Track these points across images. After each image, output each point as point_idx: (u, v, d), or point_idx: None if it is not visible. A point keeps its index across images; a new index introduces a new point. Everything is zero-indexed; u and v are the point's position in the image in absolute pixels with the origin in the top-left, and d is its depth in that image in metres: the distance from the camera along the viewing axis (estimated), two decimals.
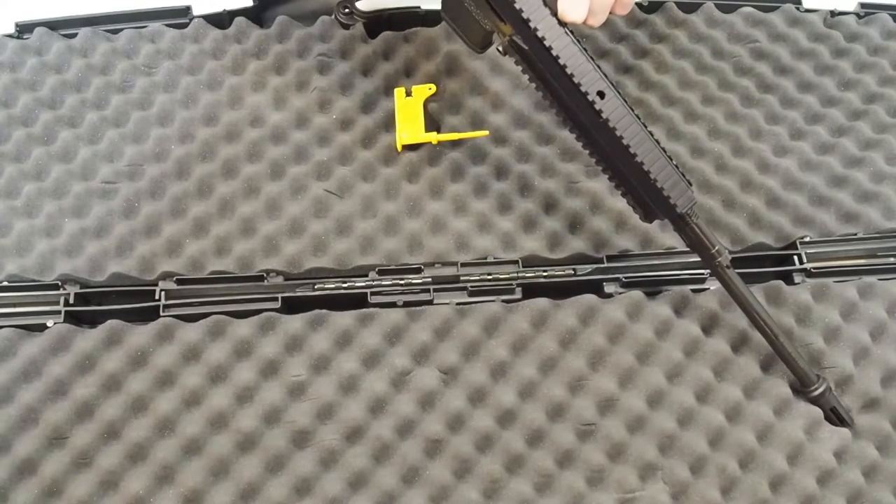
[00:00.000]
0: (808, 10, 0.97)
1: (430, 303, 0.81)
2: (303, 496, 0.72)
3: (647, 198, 0.73)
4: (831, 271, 0.84)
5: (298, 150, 0.87)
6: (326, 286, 0.81)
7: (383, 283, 0.81)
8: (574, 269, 0.83)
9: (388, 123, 0.88)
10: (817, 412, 0.77)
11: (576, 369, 0.78)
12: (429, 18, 0.92)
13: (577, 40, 0.69)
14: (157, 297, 0.79)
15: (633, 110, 0.69)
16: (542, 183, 0.86)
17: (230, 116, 0.88)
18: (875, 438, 0.77)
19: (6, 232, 0.82)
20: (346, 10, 0.91)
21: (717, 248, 0.73)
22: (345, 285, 0.81)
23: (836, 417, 0.77)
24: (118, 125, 0.87)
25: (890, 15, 0.97)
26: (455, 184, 0.86)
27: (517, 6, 0.67)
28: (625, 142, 0.69)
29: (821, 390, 0.75)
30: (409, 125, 0.86)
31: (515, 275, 0.82)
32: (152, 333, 0.77)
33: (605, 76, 0.69)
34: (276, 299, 0.80)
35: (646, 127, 0.70)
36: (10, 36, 0.90)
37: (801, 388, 0.77)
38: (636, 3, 0.95)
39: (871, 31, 0.96)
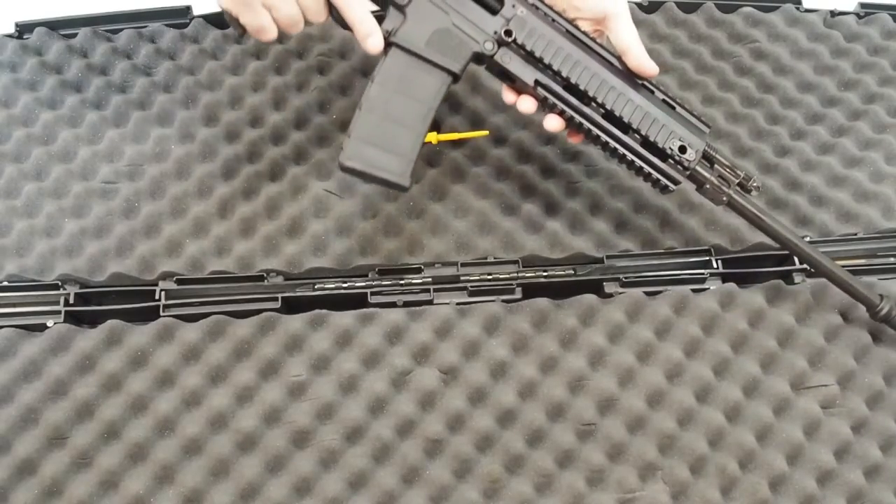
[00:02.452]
0: (808, 10, 0.97)
1: (430, 303, 0.81)
2: (303, 496, 0.72)
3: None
4: None
5: (298, 150, 0.87)
6: (326, 286, 0.81)
7: (383, 283, 0.81)
8: (574, 269, 0.83)
9: None
10: (817, 411, 0.77)
11: (576, 369, 0.78)
12: None
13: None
14: (157, 297, 0.79)
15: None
16: (542, 183, 0.86)
17: (230, 116, 0.88)
18: (879, 437, 0.77)
19: (6, 232, 0.82)
20: None
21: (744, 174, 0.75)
22: (345, 285, 0.81)
23: None
24: (118, 125, 0.87)
25: (890, 15, 0.97)
26: (455, 184, 0.86)
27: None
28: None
29: (887, 308, 0.76)
30: None
31: (515, 275, 0.82)
32: (152, 333, 0.77)
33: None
34: (276, 299, 0.80)
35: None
36: (10, 36, 0.90)
37: (867, 311, 0.78)
38: (636, 4, 0.95)
39: (871, 31, 0.96)
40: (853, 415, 0.77)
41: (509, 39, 0.72)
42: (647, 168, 0.74)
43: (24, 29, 0.90)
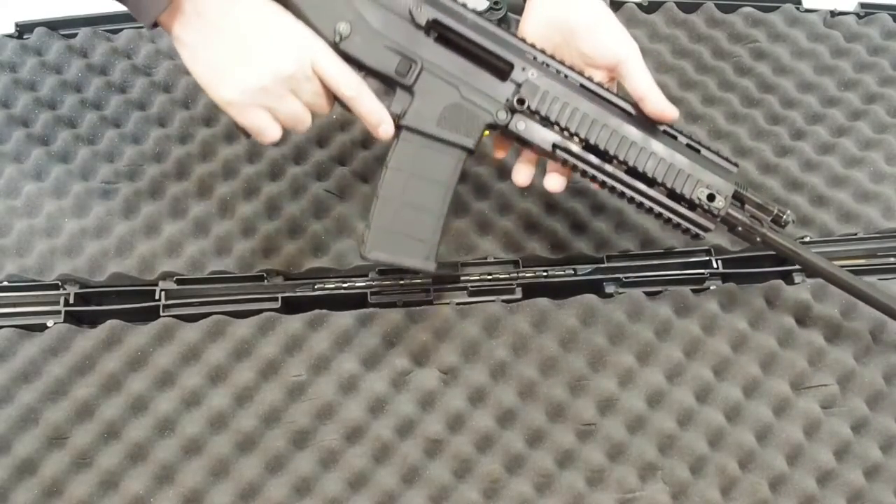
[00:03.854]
0: (808, 10, 0.97)
1: (430, 303, 0.81)
2: (303, 496, 0.72)
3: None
4: None
5: (298, 150, 0.87)
6: (326, 286, 0.81)
7: (383, 283, 0.81)
8: (574, 269, 0.83)
9: None
10: (817, 411, 0.77)
11: (576, 369, 0.78)
12: None
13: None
14: (157, 297, 0.79)
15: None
16: (542, 183, 0.86)
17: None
18: (879, 437, 0.76)
19: (6, 232, 0.82)
20: None
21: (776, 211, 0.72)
22: (345, 285, 0.81)
23: None
24: (118, 125, 0.87)
25: (890, 15, 0.97)
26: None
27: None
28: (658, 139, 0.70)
29: None
30: None
31: (515, 275, 0.82)
32: (152, 333, 0.77)
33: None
34: (276, 299, 0.80)
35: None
36: (10, 36, 0.90)
37: None
38: (636, 4, 0.95)
39: (871, 31, 0.96)
40: (853, 415, 0.77)
41: (522, 107, 0.69)
42: (675, 219, 0.71)
43: (24, 29, 0.90)
